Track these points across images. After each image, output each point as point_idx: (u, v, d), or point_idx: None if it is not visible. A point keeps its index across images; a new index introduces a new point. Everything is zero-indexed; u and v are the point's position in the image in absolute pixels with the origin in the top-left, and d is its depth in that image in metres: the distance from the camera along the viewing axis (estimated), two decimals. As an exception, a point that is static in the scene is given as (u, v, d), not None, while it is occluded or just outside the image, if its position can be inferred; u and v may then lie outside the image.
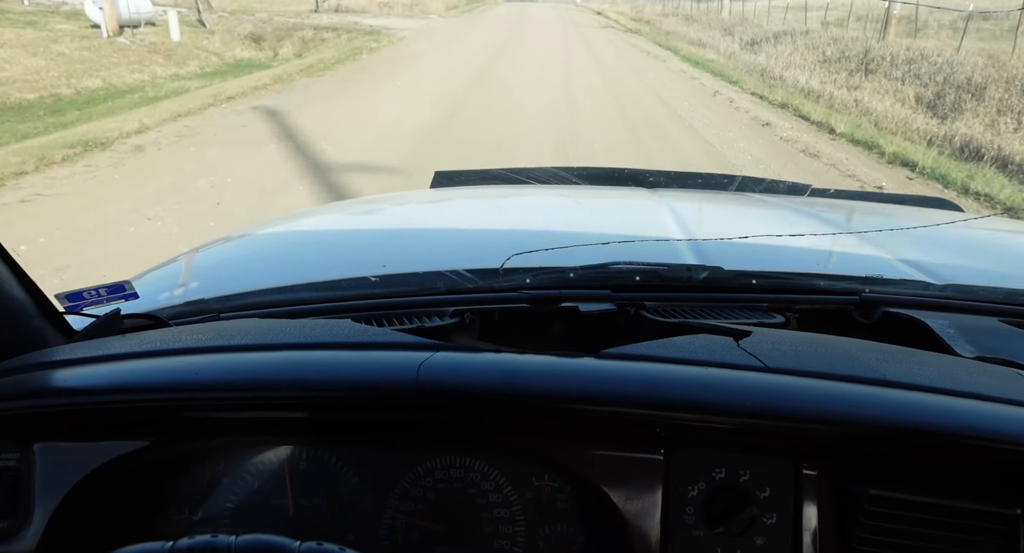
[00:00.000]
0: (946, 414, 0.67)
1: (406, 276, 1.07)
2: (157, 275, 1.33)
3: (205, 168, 6.27)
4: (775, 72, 13.27)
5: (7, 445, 0.71)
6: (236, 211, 5.07)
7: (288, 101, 9.77)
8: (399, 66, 13.62)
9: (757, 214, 1.73)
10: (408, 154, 6.86)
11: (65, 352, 0.78)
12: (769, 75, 13.20)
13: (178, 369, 0.73)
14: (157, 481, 0.75)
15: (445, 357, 0.73)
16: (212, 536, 0.49)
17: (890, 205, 1.96)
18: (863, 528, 0.68)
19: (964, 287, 1.08)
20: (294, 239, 1.59)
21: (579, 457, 0.71)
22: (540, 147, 7.41)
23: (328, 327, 0.82)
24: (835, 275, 1.09)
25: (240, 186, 5.77)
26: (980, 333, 0.92)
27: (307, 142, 7.30)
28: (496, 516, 0.74)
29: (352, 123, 8.37)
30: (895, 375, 0.71)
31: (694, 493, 0.70)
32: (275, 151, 6.94)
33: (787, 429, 0.67)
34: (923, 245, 1.37)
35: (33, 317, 0.83)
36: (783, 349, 0.77)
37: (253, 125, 8.22)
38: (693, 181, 2.05)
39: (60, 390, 0.72)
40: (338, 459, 0.75)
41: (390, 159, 6.67)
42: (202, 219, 4.89)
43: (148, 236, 4.57)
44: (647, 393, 0.69)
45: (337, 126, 8.10)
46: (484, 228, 1.57)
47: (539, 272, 1.02)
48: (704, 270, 1.05)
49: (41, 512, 0.70)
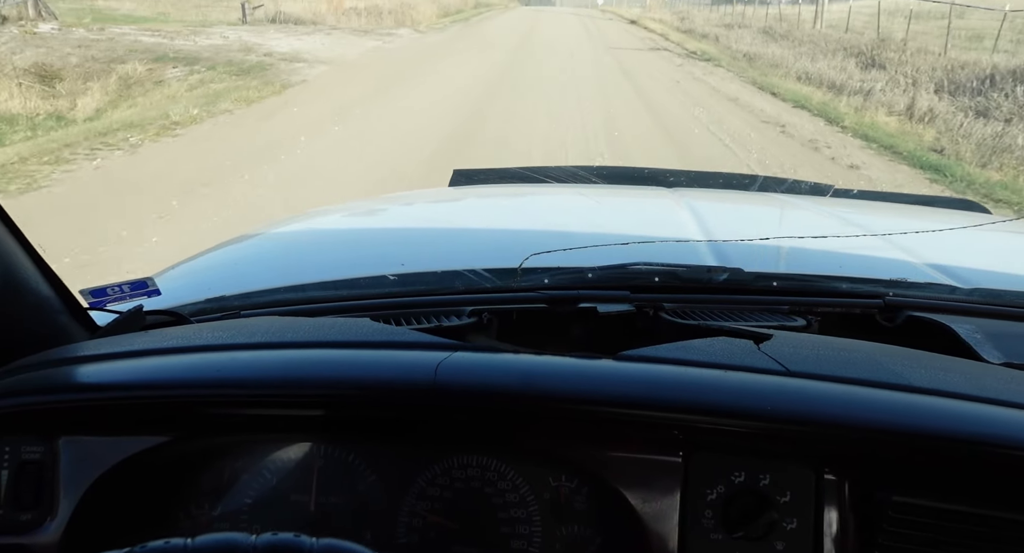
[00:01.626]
0: (972, 421, 0.66)
1: (424, 275, 1.07)
2: (178, 272, 1.35)
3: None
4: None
5: (32, 438, 0.72)
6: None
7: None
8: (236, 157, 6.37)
9: (778, 215, 1.71)
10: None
11: (89, 348, 0.79)
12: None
13: (199, 366, 0.73)
14: (178, 476, 0.76)
15: (463, 357, 0.73)
16: (231, 533, 0.49)
17: (915, 206, 1.93)
18: (886, 535, 0.67)
19: (991, 291, 1.06)
20: (313, 237, 1.60)
21: (597, 458, 0.71)
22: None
23: (347, 326, 0.82)
24: (858, 278, 1.08)
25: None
26: (1008, 338, 0.90)
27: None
28: (513, 516, 0.74)
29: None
30: (919, 380, 0.70)
31: (713, 497, 0.69)
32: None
33: (808, 434, 0.66)
34: (949, 248, 1.34)
35: (58, 313, 0.84)
36: (804, 353, 0.76)
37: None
38: (714, 181, 2.04)
39: (84, 385, 0.73)
40: (356, 457, 0.75)
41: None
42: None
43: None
44: (666, 396, 0.68)
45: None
46: (502, 227, 1.56)
47: (557, 272, 1.02)
48: (724, 272, 1.04)
49: (65, 505, 0.71)
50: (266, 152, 6.63)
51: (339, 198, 4.79)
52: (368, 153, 6.73)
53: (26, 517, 0.71)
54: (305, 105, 9.09)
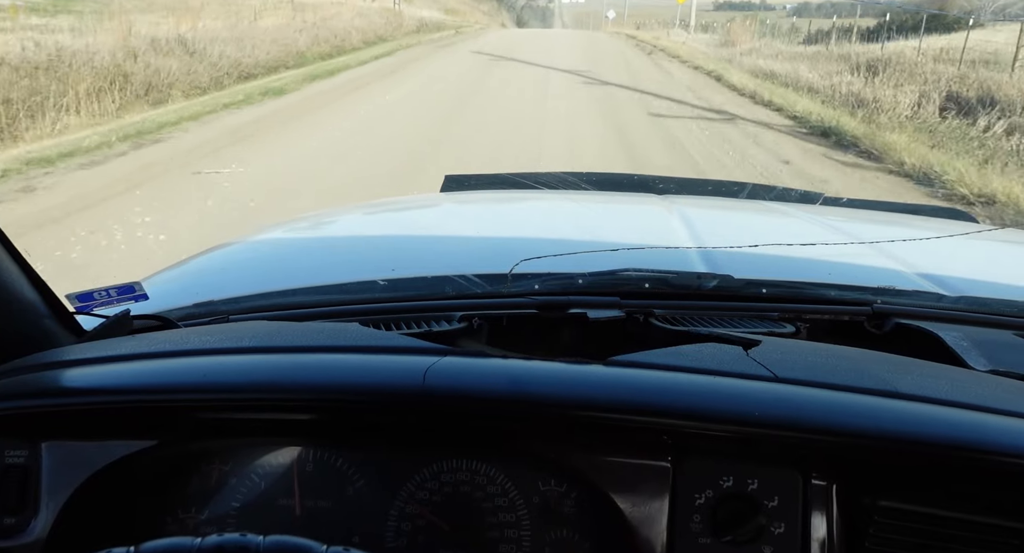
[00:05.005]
0: (958, 427, 0.66)
1: (414, 280, 1.07)
2: (167, 276, 1.34)
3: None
4: None
5: (16, 443, 0.72)
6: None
7: None
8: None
9: (768, 222, 1.72)
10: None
11: (75, 352, 0.79)
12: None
13: (186, 370, 0.73)
14: (164, 480, 0.75)
15: (452, 362, 0.72)
16: (241, 534, 0.49)
17: (903, 215, 1.95)
18: (872, 539, 0.67)
19: (978, 299, 1.07)
20: (303, 242, 1.59)
21: (586, 463, 0.71)
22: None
23: (336, 330, 0.82)
24: (846, 285, 1.08)
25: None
26: (994, 346, 0.90)
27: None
28: (502, 520, 0.74)
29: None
30: (907, 387, 0.71)
31: (701, 501, 0.69)
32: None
33: (796, 439, 0.67)
34: (936, 256, 1.35)
35: (44, 317, 0.83)
36: (793, 359, 0.77)
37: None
38: (703, 188, 2.05)
39: (69, 389, 0.72)
40: (344, 461, 0.75)
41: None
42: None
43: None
44: (655, 401, 0.68)
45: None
46: (493, 233, 1.57)
47: (548, 278, 1.02)
48: (714, 278, 1.05)
49: (49, 509, 0.70)
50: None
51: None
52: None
53: (9, 521, 0.70)
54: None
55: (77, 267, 3.94)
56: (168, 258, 1.97)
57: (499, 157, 6.82)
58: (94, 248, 4.24)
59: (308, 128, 8.09)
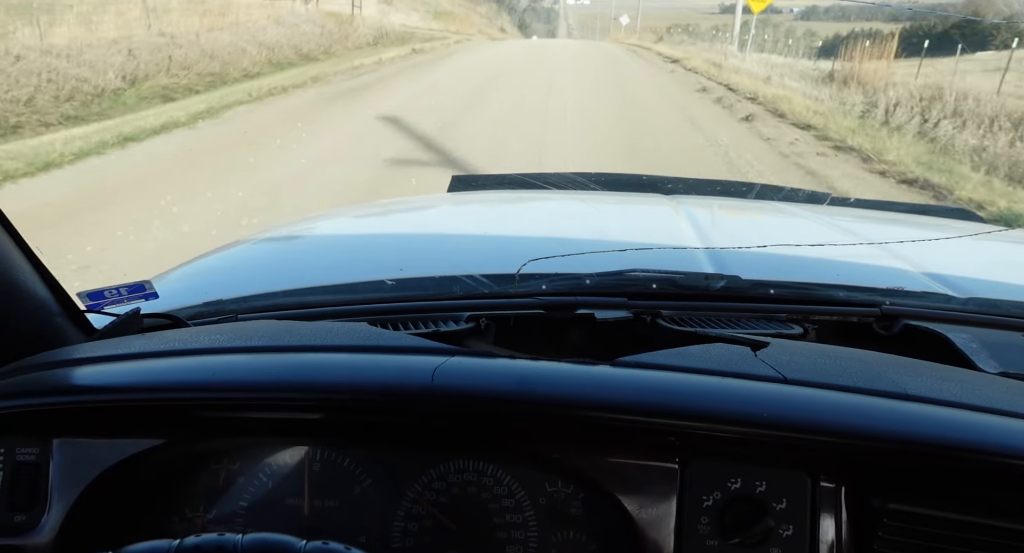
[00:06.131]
0: (968, 430, 0.66)
1: (422, 280, 1.08)
2: (176, 275, 1.35)
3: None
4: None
5: (27, 440, 0.72)
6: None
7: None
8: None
9: (776, 223, 1.71)
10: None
11: (85, 350, 0.79)
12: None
13: (196, 369, 0.73)
14: (173, 478, 0.76)
15: (460, 362, 0.73)
16: (219, 534, 0.49)
17: (911, 215, 1.94)
18: (881, 542, 0.67)
19: (987, 301, 1.06)
20: (312, 242, 1.60)
21: (593, 464, 0.71)
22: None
23: (344, 330, 0.82)
24: (855, 286, 1.08)
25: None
26: (1004, 348, 0.90)
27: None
28: (508, 521, 0.74)
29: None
30: (916, 389, 0.70)
31: (709, 503, 0.69)
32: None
33: (805, 441, 0.66)
34: (945, 257, 1.35)
35: (55, 315, 0.84)
36: (801, 360, 0.77)
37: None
38: (711, 188, 2.04)
39: (80, 387, 0.73)
40: (352, 461, 0.75)
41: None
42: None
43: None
44: (662, 402, 0.68)
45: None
46: (500, 233, 1.57)
47: (555, 278, 1.02)
48: (721, 279, 1.04)
49: (59, 506, 0.71)
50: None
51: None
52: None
53: (20, 518, 0.71)
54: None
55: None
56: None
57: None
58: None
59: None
